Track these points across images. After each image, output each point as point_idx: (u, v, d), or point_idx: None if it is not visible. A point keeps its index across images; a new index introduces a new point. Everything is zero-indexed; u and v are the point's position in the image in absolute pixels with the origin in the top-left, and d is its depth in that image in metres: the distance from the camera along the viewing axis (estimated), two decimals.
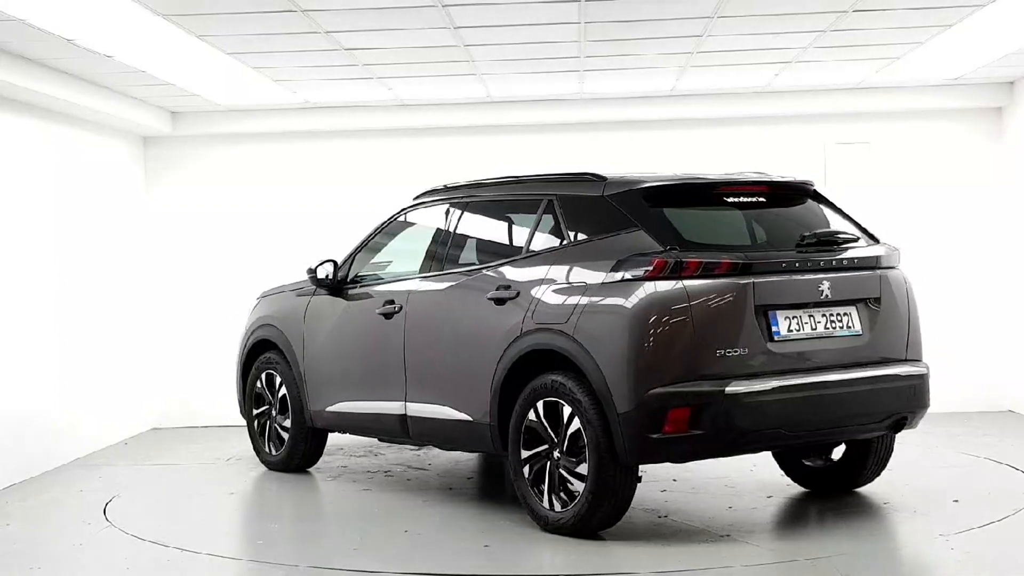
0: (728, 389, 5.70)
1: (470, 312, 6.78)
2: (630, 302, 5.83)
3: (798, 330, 6.05)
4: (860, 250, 6.49)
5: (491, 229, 7.23)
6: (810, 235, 6.34)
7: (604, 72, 9.47)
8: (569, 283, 6.18)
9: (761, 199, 6.55)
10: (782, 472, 7.33)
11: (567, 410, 6.05)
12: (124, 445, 10.18)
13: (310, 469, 8.56)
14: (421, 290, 7.25)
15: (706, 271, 5.84)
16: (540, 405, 6.22)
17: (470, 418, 6.73)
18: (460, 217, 7.31)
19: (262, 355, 8.71)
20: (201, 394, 11.19)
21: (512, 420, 6.38)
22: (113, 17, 7.11)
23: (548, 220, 6.58)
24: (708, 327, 5.78)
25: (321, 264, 8.06)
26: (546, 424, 6.21)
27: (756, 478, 7.59)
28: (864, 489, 7.18)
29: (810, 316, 6.12)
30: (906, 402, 6.40)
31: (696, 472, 7.72)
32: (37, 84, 8.38)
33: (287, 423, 8.41)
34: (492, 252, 7.02)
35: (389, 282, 7.67)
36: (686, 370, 5.75)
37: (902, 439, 9.24)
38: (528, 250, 6.60)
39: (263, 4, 6.93)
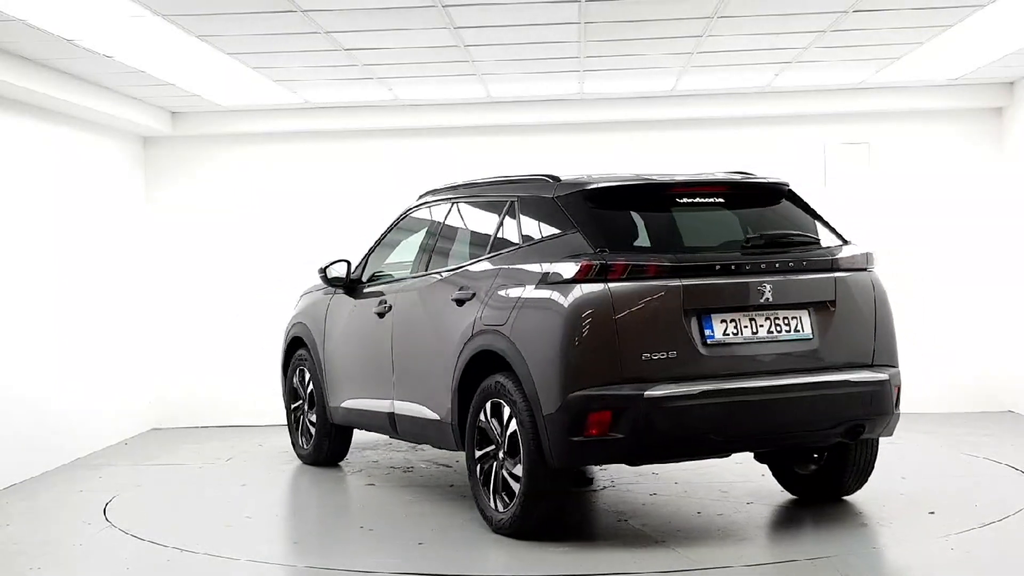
0: (647, 393, 5.59)
1: (438, 312, 6.89)
2: (556, 304, 5.83)
3: (736, 334, 5.88)
4: (811, 252, 6.23)
5: (465, 230, 7.27)
6: (756, 236, 6.19)
7: (604, 72, 9.47)
8: (511, 285, 6.24)
9: (720, 199, 6.39)
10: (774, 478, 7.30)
11: (507, 411, 6.11)
12: (124, 445, 10.18)
13: (340, 463, 8.77)
14: (406, 290, 7.39)
15: (633, 274, 5.76)
16: (488, 406, 6.28)
17: (438, 417, 6.85)
18: (445, 218, 7.42)
19: (296, 352, 8.92)
20: (201, 394, 11.20)
21: (468, 420, 6.46)
22: (113, 17, 7.11)
23: (510, 221, 6.62)
24: (632, 330, 5.69)
25: (333, 264, 8.15)
26: (492, 425, 6.27)
27: (756, 479, 7.58)
28: (864, 489, 7.18)
29: (751, 320, 5.93)
30: (860, 409, 6.12)
31: (696, 473, 7.72)
32: (37, 84, 8.38)
33: (314, 418, 8.64)
34: (464, 253, 7.07)
35: (388, 282, 7.78)
36: (609, 373, 5.67)
37: (903, 438, 9.26)
38: (489, 251, 6.66)
39: (263, 4, 6.93)
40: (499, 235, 6.65)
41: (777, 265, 6.01)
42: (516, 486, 6.04)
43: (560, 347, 5.75)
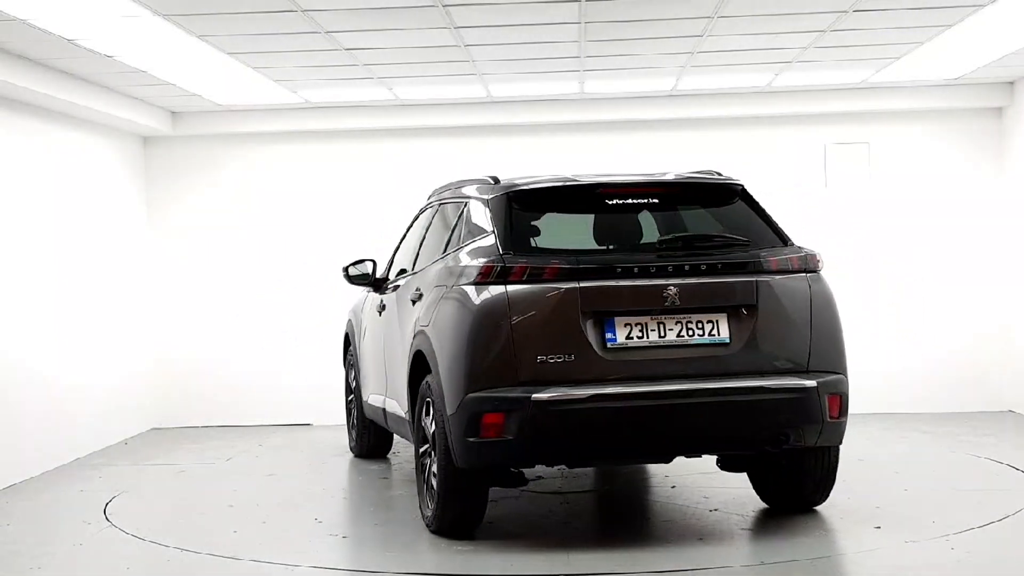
0: (535, 396, 5.53)
1: (402, 312, 7.10)
2: (458, 306, 5.89)
3: (640, 338, 5.74)
4: (728, 254, 5.98)
5: (436, 230, 7.32)
6: (670, 238, 6.12)
7: (604, 72, 9.47)
8: (436, 286, 6.36)
9: (654, 200, 6.31)
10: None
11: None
12: (124, 445, 10.18)
13: (387, 455, 9.07)
14: (396, 289, 7.58)
15: (532, 276, 5.73)
16: (425, 405, 6.36)
17: (404, 414, 7.03)
18: (432, 218, 7.52)
19: (348, 347, 9.24)
20: (201, 394, 11.19)
21: (415, 419, 6.58)
22: (113, 17, 7.11)
23: (460, 223, 6.69)
24: (528, 333, 5.65)
25: (356, 263, 8.30)
26: (426, 424, 6.35)
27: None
28: (864, 489, 7.18)
29: (659, 324, 5.78)
30: (780, 417, 5.81)
31: (696, 473, 7.72)
32: (37, 84, 8.38)
33: (356, 412, 8.99)
34: (430, 254, 7.13)
35: (393, 280, 7.90)
36: (505, 375, 5.65)
37: (903, 438, 9.26)
38: (442, 253, 6.74)
39: (263, 4, 6.93)
40: (451, 236, 6.75)
41: (686, 268, 5.82)
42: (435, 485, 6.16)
43: (460, 348, 5.80)
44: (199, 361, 11.22)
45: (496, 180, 6.49)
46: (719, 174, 6.64)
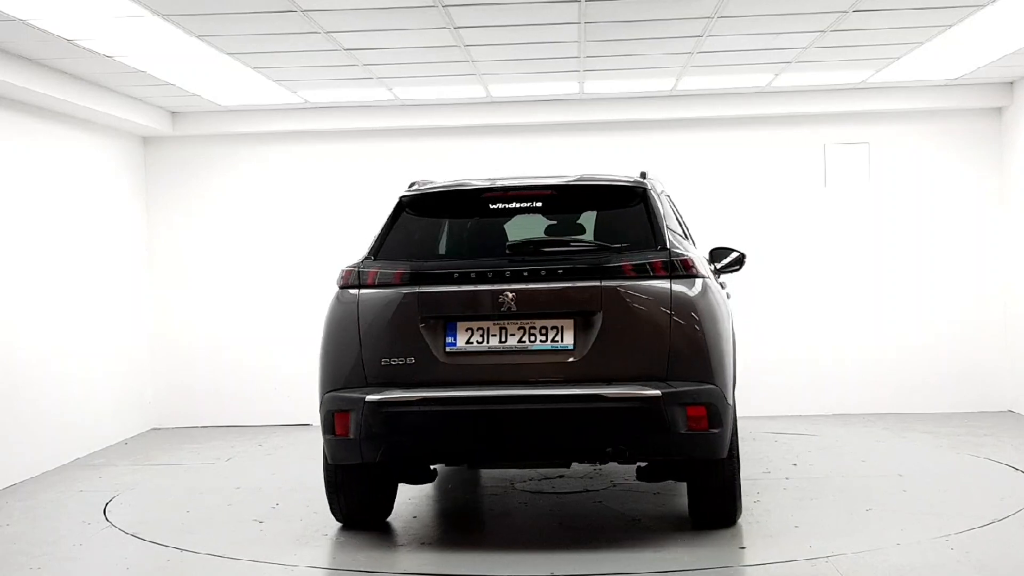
0: (368, 397, 5.70)
1: None
2: (328, 310, 6.12)
3: (481, 342, 5.78)
4: (573, 260, 5.85)
5: None
6: (519, 242, 6.07)
7: (604, 72, 9.47)
8: None
9: (537, 204, 6.23)
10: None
11: None
12: (124, 445, 10.18)
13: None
14: None
15: (381, 282, 5.95)
16: None
17: None
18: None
19: None
20: (201, 394, 11.20)
21: None
22: (113, 17, 7.12)
23: None
24: (374, 336, 5.87)
25: None
26: None
27: (755, 479, 7.58)
28: (864, 489, 7.18)
29: (501, 329, 5.78)
30: (620, 427, 5.61)
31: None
32: (37, 84, 8.38)
33: None
34: None
35: None
36: (355, 377, 5.89)
37: (903, 438, 9.26)
38: None
39: (263, 4, 6.93)
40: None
41: (525, 273, 5.78)
42: None
43: (323, 350, 6.09)
44: (199, 361, 11.22)
45: (411, 184, 6.61)
46: (644, 175, 6.48)
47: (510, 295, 5.72)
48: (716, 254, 7.28)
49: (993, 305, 10.85)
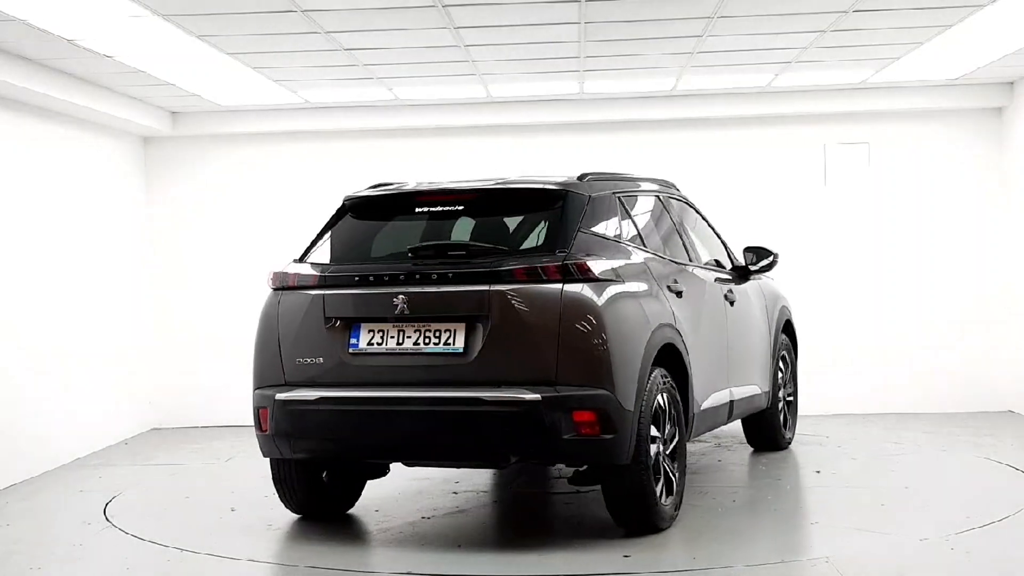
0: (277, 396, 6.04)
1: None
2: (261, 311, 6.35)
3: (380, 343, 5.94)
4: (464, 264, 5.85)
5: None
6: (420, 246, 6.09)
7: (604, 72, 9.47)
8: None
9: (459, 207, 6.31)
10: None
11: None
12: (124, 445, 10.18)
13: None
14: None
15: (299, 285, 6.19)
16: None
17: None
18: None
19: None
20: (201, 394, 11.20)
21: None
22: (113, 17, 7.12)
23: None
24: (290, 337, 6.13)
25: None
26: None
27: (755, 479, 7.59)
28: (864, 488, 7.18)
29: (399, 331, 5.91)
30: (501, 431, 5.65)
31: (697, 473, 7.72)
32: (37, 84, 8.38)
33: None
34: None
35: None
36: (275, 375, 6.17)
37: (903, 438, 9.26)
38: None
39: (263, 4, 6.93)
40: None
41: (417, 276, 5.86)
42: None
43: (254, 348, 6.33)
44: (199, 361, 11.22)
45: (375, 187, 6.71)
46: (582, 177, 6.36)
47: (402, 298, 5.86)
48: (752, 253, 7.95)
49: (993, 305, 10.85)
